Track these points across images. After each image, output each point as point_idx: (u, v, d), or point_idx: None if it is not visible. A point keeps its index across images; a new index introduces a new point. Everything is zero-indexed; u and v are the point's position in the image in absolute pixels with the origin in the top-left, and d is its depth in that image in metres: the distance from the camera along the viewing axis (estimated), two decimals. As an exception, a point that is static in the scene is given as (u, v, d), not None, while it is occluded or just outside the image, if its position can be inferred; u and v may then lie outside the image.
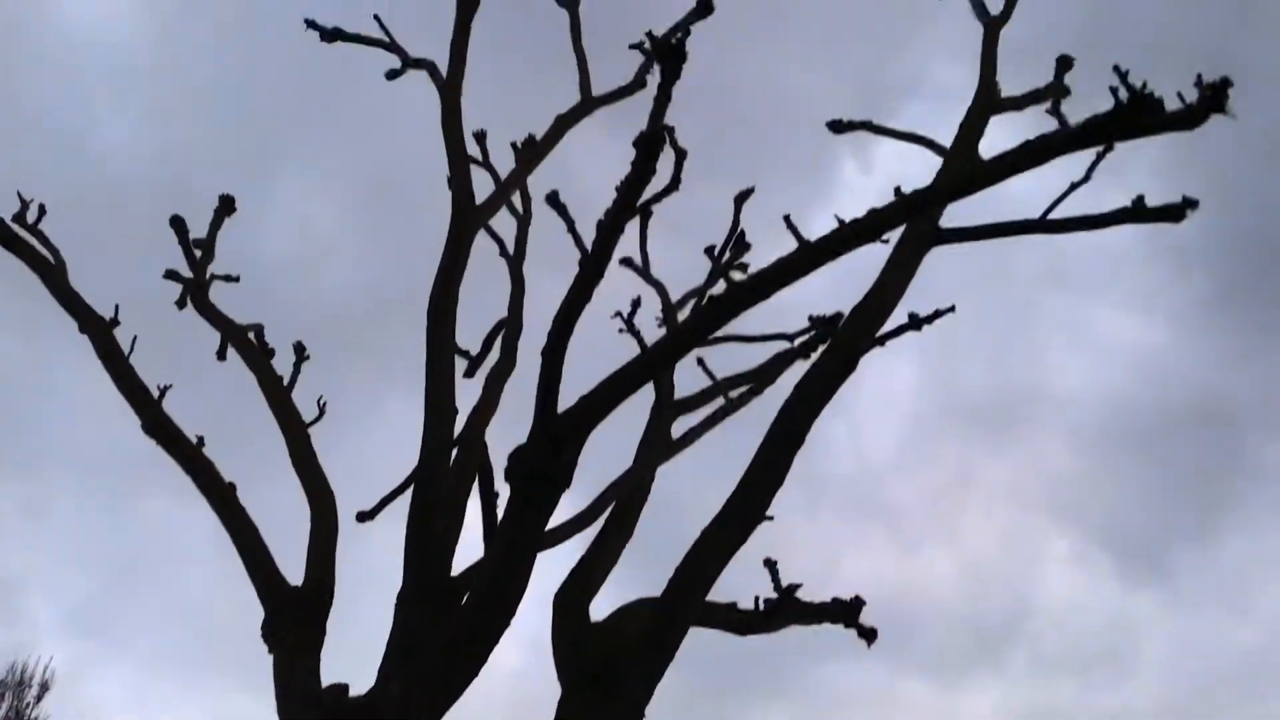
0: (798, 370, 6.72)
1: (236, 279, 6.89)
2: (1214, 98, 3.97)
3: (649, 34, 5.23)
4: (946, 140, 6.26)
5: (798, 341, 6.90)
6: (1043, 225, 5.44)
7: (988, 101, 6.05)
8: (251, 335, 6.63)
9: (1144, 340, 16.34)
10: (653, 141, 3.98)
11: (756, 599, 5.71)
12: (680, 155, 5.32)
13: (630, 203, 4.17)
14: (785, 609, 5.76)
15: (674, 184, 5.39)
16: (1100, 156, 5.66)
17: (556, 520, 5.46)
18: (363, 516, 6.55)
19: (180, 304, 6.82)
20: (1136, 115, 3.99)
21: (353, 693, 4.97)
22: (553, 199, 6.56)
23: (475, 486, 5.92)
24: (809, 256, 4.43)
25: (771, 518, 5.12)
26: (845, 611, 5.82)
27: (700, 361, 6.80)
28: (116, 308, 6.12)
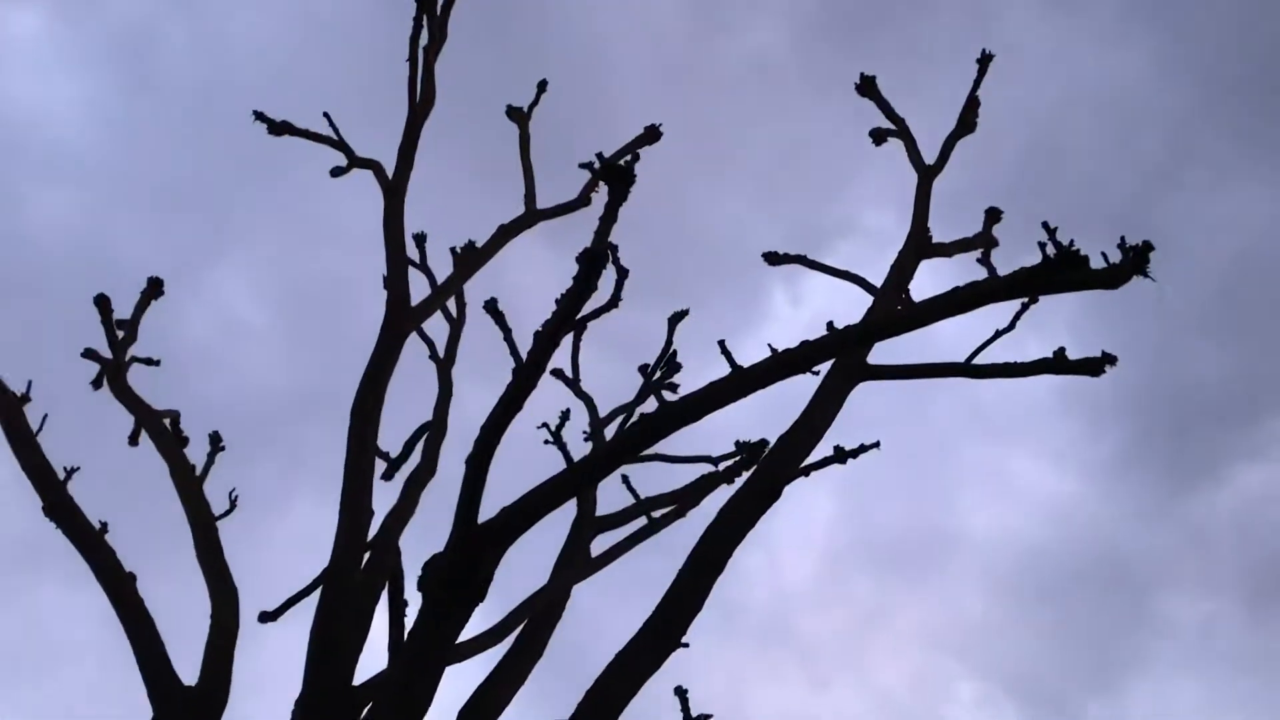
0: (721, 494, 6.76)
1: (157, 363, 6.75)
2: (1136, 260, 4.15)
3: (599, 155, 5.34)
4: (876, 280, 6.44)
5: (722, 466, 6.92)
6: (967, 369, 5.58)
7: (919, 246, 6.24)
8: (167, 422, 6.47)
9: (1056, 491, 16.69)
10: (596, 258, 4.02)
11: (666, 727, 5.61)
12: (622, 274, 5.39)
13: (569, 316, 4.18)
14: (693, 740, 5.66)
15: (613, 301, 5.43)
16: (1025, 307, 5.86)
17: (466, 634, 5.33)
18: (265, 617, 6.32)
19: (96, 384, 6.64)
20: (1062, 271, 4.14)
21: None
22: (490, 306, 6.57)
23: (385, 593, 5.78)
24: (740, 383, 4.47)
25: (687, 645, 5.05)
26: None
27: (625, 479, 6.77)
28: (29, 384, 5.95)
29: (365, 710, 5.05)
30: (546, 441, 7.38)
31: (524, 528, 4.63)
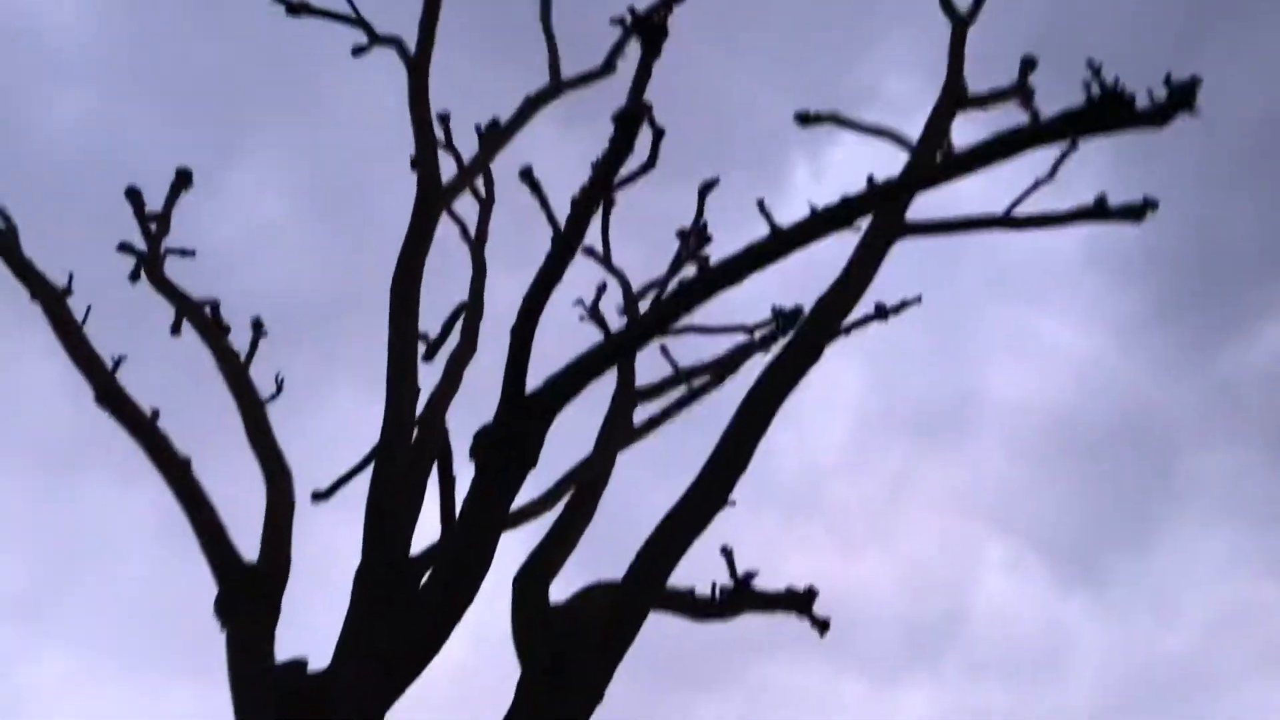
0: (758, 362, 6.81)
1: (192, 254, 6.76)
2: (1183, 96, 4.07)
3: (631, 9, 5.22)
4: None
5: (758, 334, 6.97)
6: (1006, 222, 5.54)
7: (954, 98, 6.13)
8: (207, 310, 6.52)
9: (1084, 351, 16.64)
10: (632, 118, 3.98)
11: (713, 585, 5.73)
12: (657, 135, 5.32)
13: (607, 179, 4.18)
14: (741, 597, 5.78)
15: (650, 163, 5.39)
16: (1065, 155, 5.76)
17: (518, 503, 5.43)
18: (318, 496, 6.47)
19: (134, 277, 6.68)
20: (1107, 111, 4.07)
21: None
22: (526, 174, 6.53)
23: (435, 471, 5.88)
24: (779, 242, 4.47)
25: (733, 503, 5.13)
26: (799, 601, 5.87)
27: (664, 349, 6.82)
28: (70, 276, 5.98)
29: (424, 577, 5.16)
30: (582, 319, 7.39)
31: (569, 396, 4.70)
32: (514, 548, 5.79)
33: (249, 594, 5.07)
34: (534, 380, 4.73)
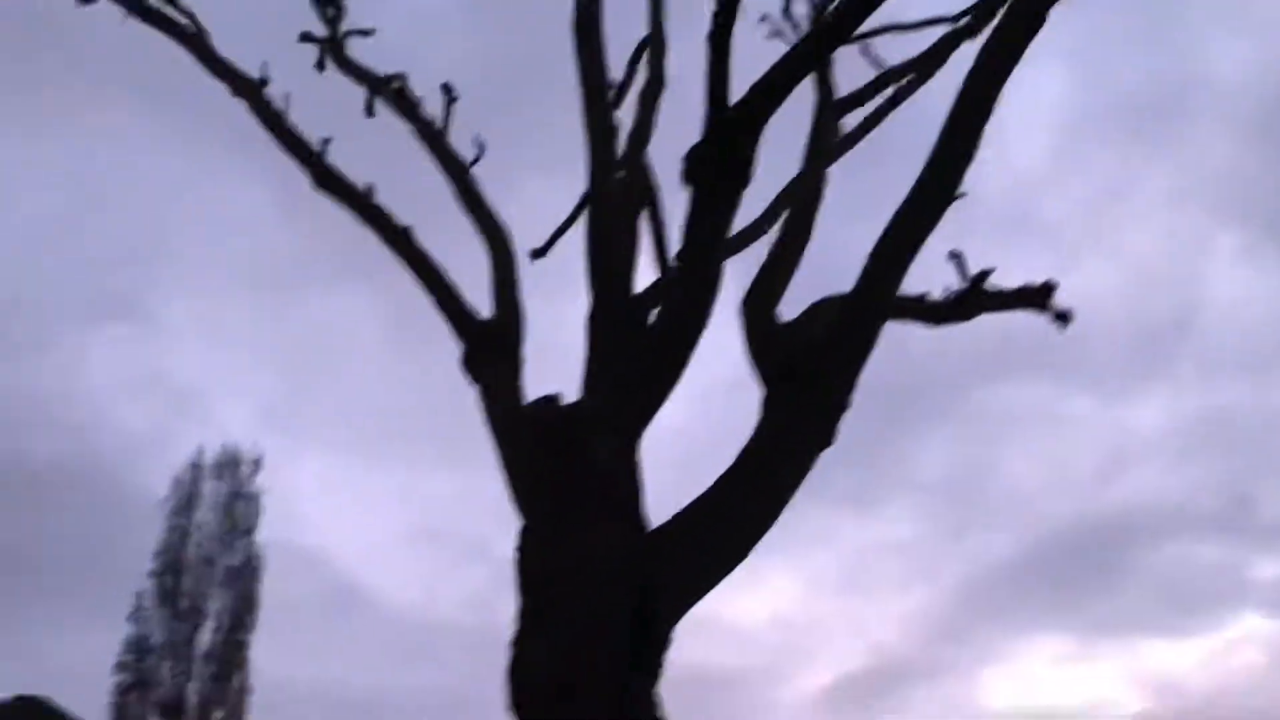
0: (966, 53, 6.30)
1: (371, 32, 6.71)
2: None
3: None
4: None
5: (962, 21, 6.44)
6: None
7: None
8: (394, 87, 6.50)
9: (1313, 11, 14.90)
10: None
11: (946, 289, 5.53)
12: None
13: None
14: (976, 296, 5.56)
15: None
16: None
17: (735, 229, 5.29)
18: (537, 253, 6.52)
19: (319, 65, 6.69)
20: None
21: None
22: None
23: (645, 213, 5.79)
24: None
25: (964, 195, 4.81)
26: (1036, 296, 5.62)
27: (865, 50, 6.41)
28: (264, 65, 6.04)
29: (656, 312, 5.13)
30: (769, 36, 7.00)
31: (775, 102, 4.45)
32: (736, 280, 5.70)
33: (491, 346, 5.18)
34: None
